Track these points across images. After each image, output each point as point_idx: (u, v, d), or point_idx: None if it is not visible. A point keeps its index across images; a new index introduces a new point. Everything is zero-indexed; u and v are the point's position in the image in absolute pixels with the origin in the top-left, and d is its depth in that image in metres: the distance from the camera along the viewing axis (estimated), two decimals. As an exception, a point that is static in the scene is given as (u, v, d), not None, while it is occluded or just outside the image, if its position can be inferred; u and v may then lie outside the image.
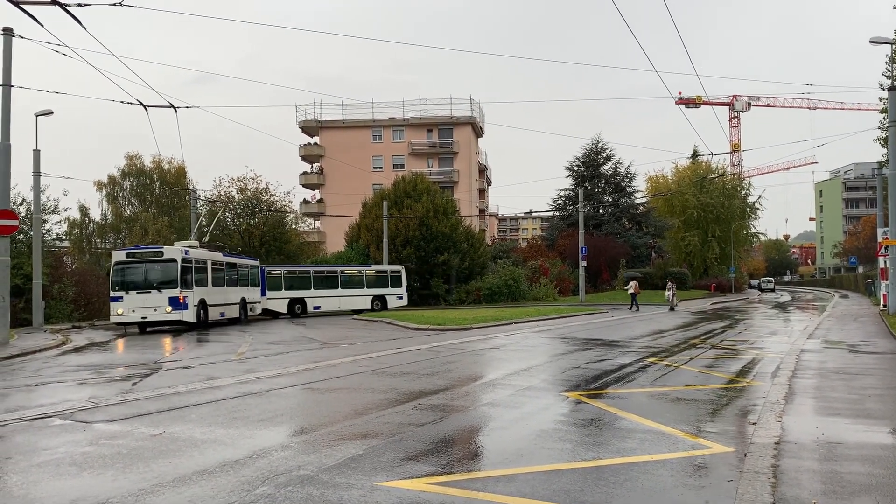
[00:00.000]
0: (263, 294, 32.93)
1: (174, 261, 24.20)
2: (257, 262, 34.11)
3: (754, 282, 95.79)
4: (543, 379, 10.73)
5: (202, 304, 25.27)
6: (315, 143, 73.46)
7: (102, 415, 8.00)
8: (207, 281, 26.30)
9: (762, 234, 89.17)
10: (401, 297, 38.22)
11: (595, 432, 6.85)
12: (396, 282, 38.26)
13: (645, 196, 72.96)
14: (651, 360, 13.23)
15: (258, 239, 47.79)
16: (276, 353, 15.78)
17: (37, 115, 26.74)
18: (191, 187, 51.60)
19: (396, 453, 5.90)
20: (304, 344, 18.16)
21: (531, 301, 46.69)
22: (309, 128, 73.52)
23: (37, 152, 27.11)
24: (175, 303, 23.83)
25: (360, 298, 36.56)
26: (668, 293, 37.87)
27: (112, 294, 24.12)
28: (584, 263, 47.64)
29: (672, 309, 36.33)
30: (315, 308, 35.14)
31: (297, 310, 34.16)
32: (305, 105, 74.56)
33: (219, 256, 28.46)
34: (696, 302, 48.61)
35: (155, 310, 23.61)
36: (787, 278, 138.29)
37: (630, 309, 36.26)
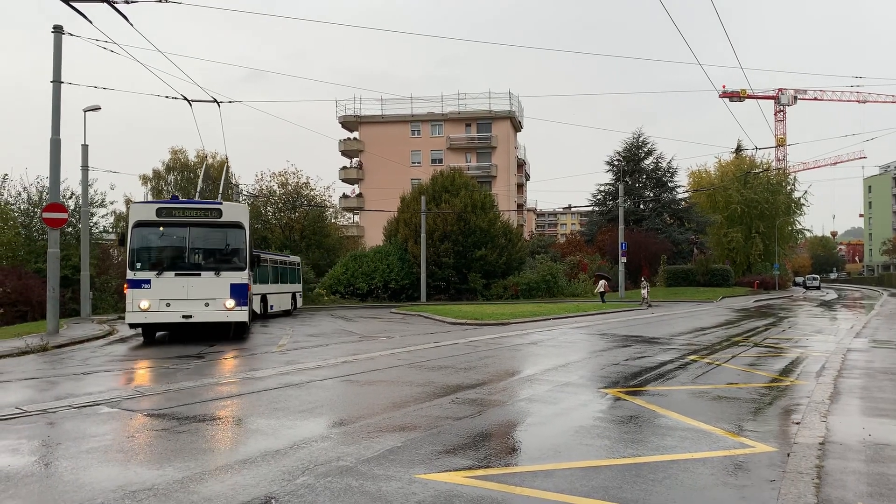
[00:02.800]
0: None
1: (240, 226, 16.47)
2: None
3: (799, 279, 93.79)
4: (582, 375, 10.67)
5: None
6: (354, 138, 74.00)
7: (148, 403, 8.21)
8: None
9: (808, 230, 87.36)
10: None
11: (634, 429, 6.80)
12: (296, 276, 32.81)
13: (687, 191, 71.86)
14: (692, 357, 13.05)
15: (298, 233, 48.37)
16: (316, 345, 15.97)
17: (85, 111, 27.42)
18: (233, 181, 52.45)
19: (434, 446, 5.94)
20: (344, 337, 18.34)
21: (569, 297, 46.38)
22: (348, 123, 74.08)
23: (85, 147, 27.81)
24: (240, 293, 16.27)
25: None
26: (643, 292, 39.01)
27: (130, 275, 15.74)
28: (623, 259, 47.17)
29: (649, 307, 36.49)
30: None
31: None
32: (345, 100, 75.25)
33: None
34: (738, 299, 47.74)
35: (206, 304, 15.94)
36: (833, 276, 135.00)
37: (601, 302, 37.63)
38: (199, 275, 15.96)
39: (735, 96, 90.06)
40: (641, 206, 70.04)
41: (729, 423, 7.04)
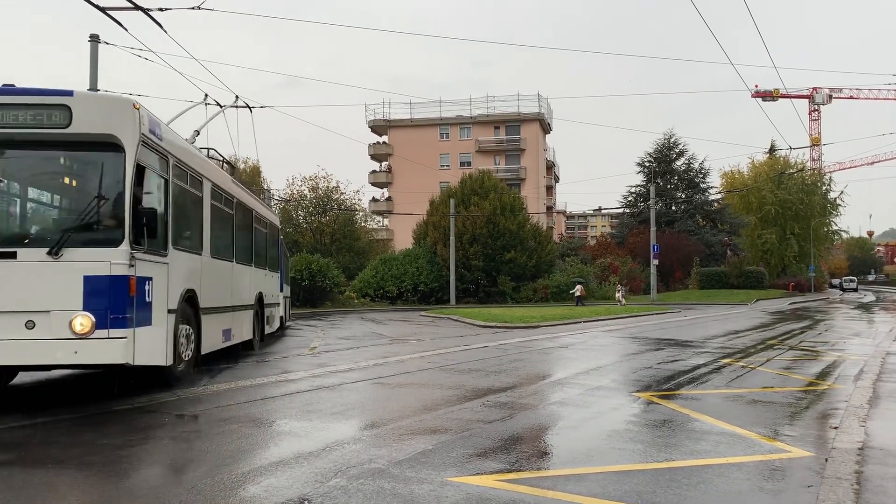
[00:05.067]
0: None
1: (116, 146, 7.46)
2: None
3: (835, 281, 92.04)
4: (613, 379, 10.60)
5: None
6: (384, 142, 74.41)
7: (179, 406, 8.33)
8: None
9: (844, 231, 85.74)
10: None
11: (667, 433, 6.73)
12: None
13: (719, 192, 71.03)
14: (726, 360, 12.88)
15: (329, 236, 48.76)
16: (348, 347, 16.08)
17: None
18: (265, 186, 53.05)
19: (465, 449, 5.94)
20: (374, 340, 18.43)
21: (600, 300, 46.06)
22: (378, 127, 74.53)
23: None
24: (109, 297, 7.28)
25: None
26: (618, 294, 41.49)
27: None
28: (655, 262, 46.76)
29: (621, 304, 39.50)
30: None
31: None
32: (375, 104, 75.71)
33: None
34: (773, 302, 47.00)
35: (29, 324, 7.17)
36: (870, 278, 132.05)
37: (576, 305, 39.34)
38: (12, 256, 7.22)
39: (768, 96, 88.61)
40: (673, 208, 69.36)
41: (764, 428, 6.94)
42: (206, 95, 17.51)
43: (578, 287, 41.06)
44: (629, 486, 4.91)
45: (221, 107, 18.61)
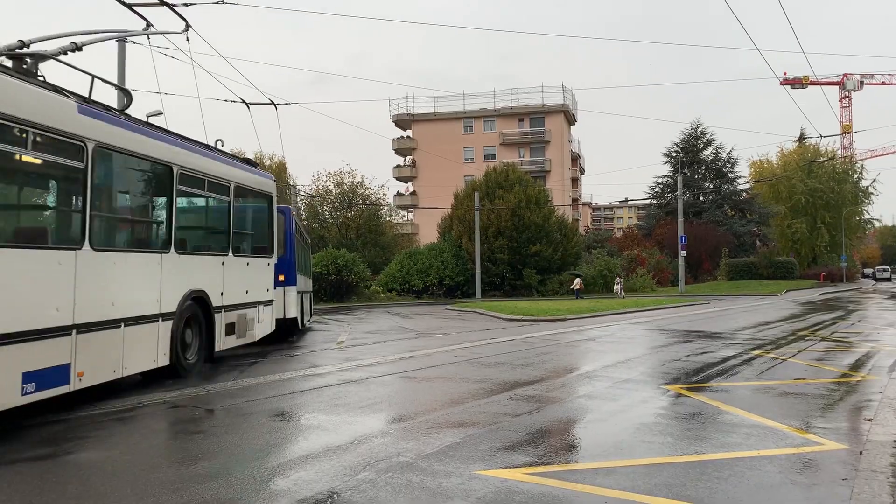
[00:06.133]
0: None
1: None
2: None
3: (868, 271, 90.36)
4: (642, 371, 10.52)
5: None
6: (408, 137, 74.46)
7: (210, 401, 8.43)
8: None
9: (877, 220, 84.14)
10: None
11: (697, 426, 6.67)
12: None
13: (748, 182, 70.03)
14: (756, 352, 12.72)
15: (354, 231, 48.97)
16: (375, 342, 16.15)
17: (148, 116, 28.18)
18: (291, 182, 53.47)
19: (493, 443, 5.94)
20: (401, 334, 18.49)
21: (628, 292, 45.76)
22: (401, 121, 74.58)
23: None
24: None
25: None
26: (616, 287, 41.75)
27: None
28: (683, 253, 46.32)
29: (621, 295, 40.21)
30: None
31: None
32: (398, 99, 75.87)
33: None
34: (804, 292, 46.29)
35: None
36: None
37: (575, 298, 39.19)
38: None
39: (797, 83, 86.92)
40: (701, 198, 68.58)
41: (796, 420, 6.84)
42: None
43: (577, 280, 41.40)
44: (659, 480, 4.88)
45: (247, 104, 18.74)
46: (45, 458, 5.72)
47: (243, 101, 18.86)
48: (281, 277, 14.07)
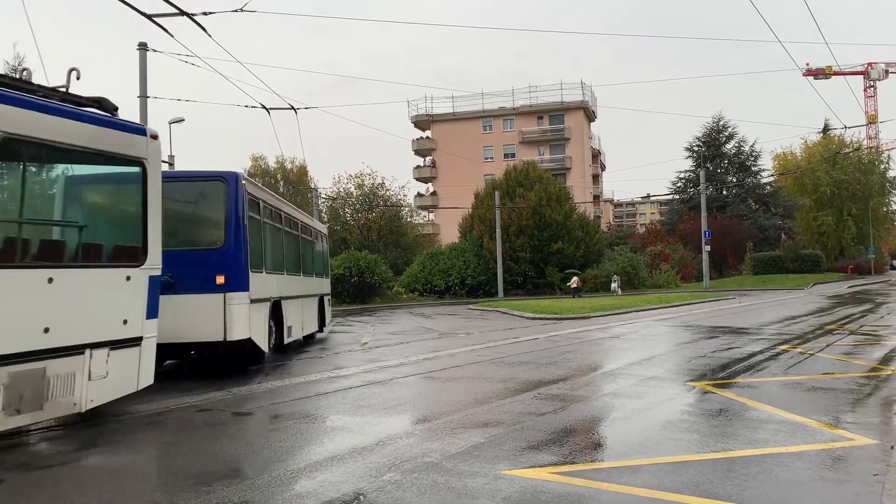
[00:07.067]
0: None
1: None
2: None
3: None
4: (667, 368, 10.44)
5: None
6: (427, 137, 74.58)
7: (236, 404, 8.51)
8: None
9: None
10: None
11: (724, 423, 6.61)
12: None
13: (772, 175, 69.18)
14: (783, 347, 12.57)
15: (376, 233, 49.12)
16: (398, 342, 16.19)
17: (170, 123, 28.66)
18: (312, 185, 53.79)
19: (518, 442, 5.93)
20: (423, 334, 18.52)
21: (651, 288, 45.44)
22: (420, 122, 74.73)
23: (171, 157, 29.06)
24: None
25: None
26: (613, 285, 41.84)
27: None
28: (707, 248, 45.93)
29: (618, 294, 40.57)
30: None
31: None
32: (417, 100, 76.06)
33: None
34: (831, 286, 45.62)
35: None
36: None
37: (573, 297, 38.98)
38: None
39: (820, 73, 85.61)
40: (724, 192, 67.92)
41: (825, 416, 6.75)
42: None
43: (575, 279, 41.21)
44: (686, 477, 4.84)
45: (267, 109, 18.89)
46: (79, 461, 5.81)
47: (263, 107, 19.02)
48: (220, 280, 10.16)
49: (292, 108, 19.48)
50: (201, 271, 10.17)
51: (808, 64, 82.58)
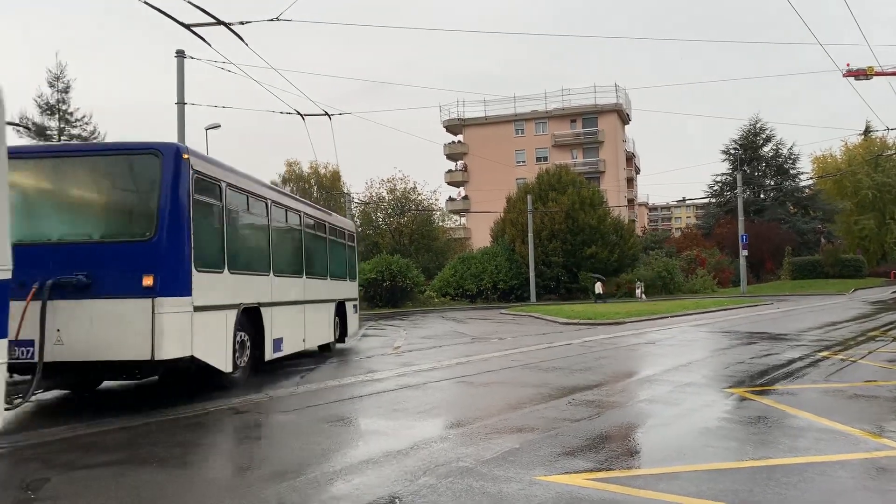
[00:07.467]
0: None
1: None
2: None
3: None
4: (704, 375, 10.30)
5: None
6: (459, 142, 74.67)
7: (272, 406, 8.61)
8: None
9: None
10: None
11: (763, 430, 6.50)
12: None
13: (811, 178, 67.83)
14: (824, 354, 12.32)
15: (408, 237, 49.30)
16: (430, 346, 16.22)
17: (206, 129, 29.11)
18: (345, 190, 54.22)
19: (553, 448, 5.91)
20: (456, 338, 18.52)
21: (687, 293, 44.89)
22: (452, 126, 74.85)
23: (208, 164, 29.47)
24: None
25: None
26: (638, 291, 41.26)
27: None
28: (744, 252, 45.22)
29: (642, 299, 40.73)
30: None
31: None
32: (449, 104, 76.07)
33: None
34: (873, 291, 44.57)
35: None
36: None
37: (596, 302, 38.70)
38: None
39: (861, 74, 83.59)
40: (762, 196, 66.85)
41: (868, 424, 6.60)
42: None
43: (599, 284, 40.77)
44: (725, 485, 4.77)
45: (302, 116, 19.10)
46: (121, 462, 5.93)
47: (298, 113, 19.24)
48: (148, 281, 7.77)
49: (326, 114, 19.67)
50: (124, 270, 7.86)
51: (848, 65, 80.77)
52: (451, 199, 72.71)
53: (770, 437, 6.24)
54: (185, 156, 8.32)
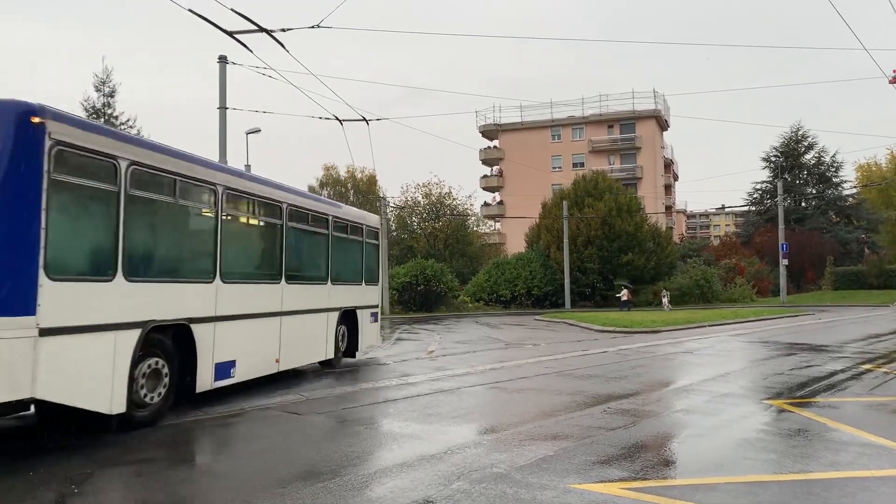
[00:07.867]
0: None
1: None
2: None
3: None
4: (742, 385, 10.14)
5: None
6: (494, 147, 74.60)
7: (308, 407, 8.70)
8: None
9: None
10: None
11: (803, 443, 6.38)
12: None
13: (854, 187, 66.18)
14: (866, 366, 12.02)
15: (442, 241, 49.37)
16: (464, 351, 16.22)
17: (247, 133, 29.57)
18: (381, 194, 54.56)
19: (587, 456, 5.88)
20: (490, 344, 18.50)
21: (725, 302, 44.17)
22: (488, 132, 74.79)
23: (247, 167, 29.97)
24: None
25: None
26: (664, 300, 40.21)
27: None
28: (785, 261, 44.34)
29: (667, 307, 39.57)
30: None
31: None
32: (485, 110, 76.17)
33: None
34: (919, 303, 43.29)
35: None
36: None
37: (622, 310, 37.80)
38: None
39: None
40: (803, 204, 65.51)
41: (914, 440, 6.43)
42: None
43: (625, 291, 40.22)
44: (763, 498, 4.70)
45: (340, 121, 19.29)
46: (160, 460, 6.06)
47: (336, 118, 19.43)
48: None
49: (364, 119, 19.83)
50: None
51: (894, 71, 79.11)
52: (486, 205, 72.63)
53: (810, 450, 6.13)
54: (36, 119, 6.00)
